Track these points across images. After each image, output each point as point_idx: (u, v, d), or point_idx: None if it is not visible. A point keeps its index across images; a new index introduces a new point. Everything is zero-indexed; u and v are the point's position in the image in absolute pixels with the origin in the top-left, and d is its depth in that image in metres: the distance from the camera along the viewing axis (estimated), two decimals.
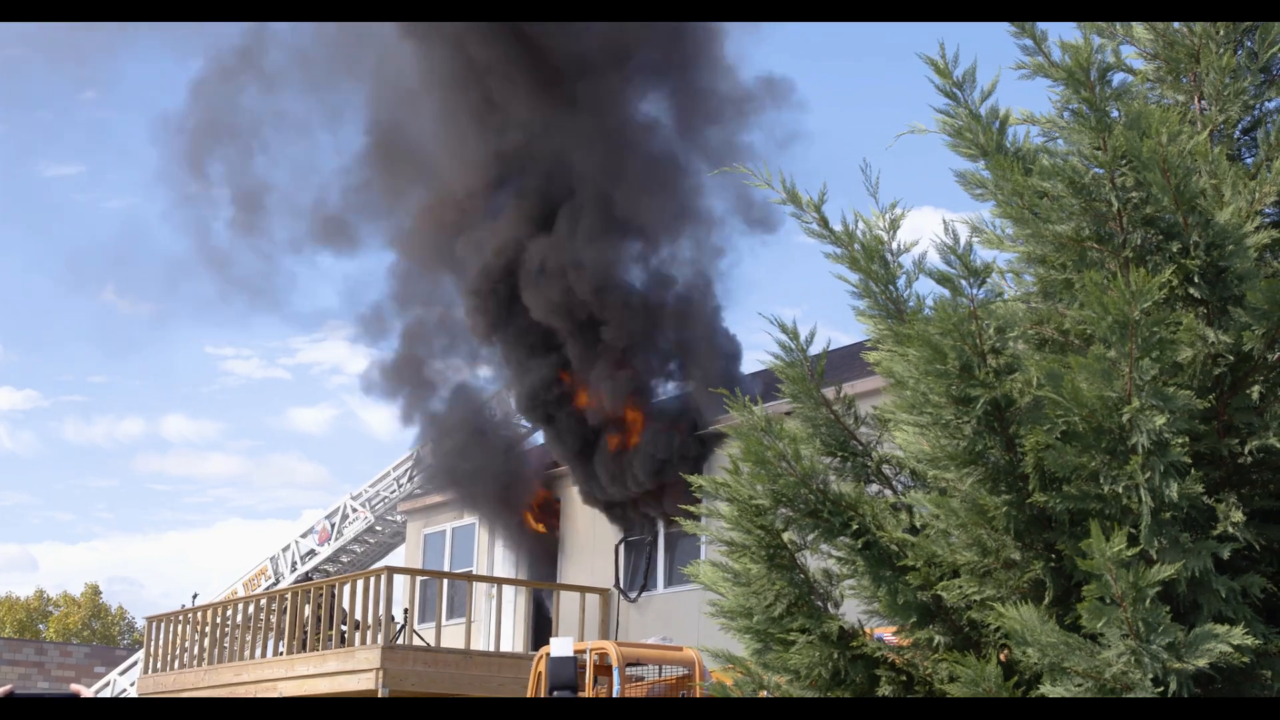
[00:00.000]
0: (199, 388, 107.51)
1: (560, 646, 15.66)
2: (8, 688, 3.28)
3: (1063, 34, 4.63)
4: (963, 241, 4.52)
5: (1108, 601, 3.98)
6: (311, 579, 28.68)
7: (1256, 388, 4.32)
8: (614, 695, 15.16)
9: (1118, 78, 4.65)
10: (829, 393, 5.15)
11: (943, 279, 4.46)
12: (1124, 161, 4.08)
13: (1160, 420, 3.92)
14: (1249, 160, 4.79)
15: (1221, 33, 4.63)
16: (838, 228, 4.86)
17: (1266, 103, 4.94)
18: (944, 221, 4.45)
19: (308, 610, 23.37)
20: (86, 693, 3.51)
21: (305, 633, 23.15)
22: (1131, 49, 4.80)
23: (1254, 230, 4.34)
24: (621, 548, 24.32)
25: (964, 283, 4.42)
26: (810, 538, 4.94)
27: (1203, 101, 4.77)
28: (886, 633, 5.23)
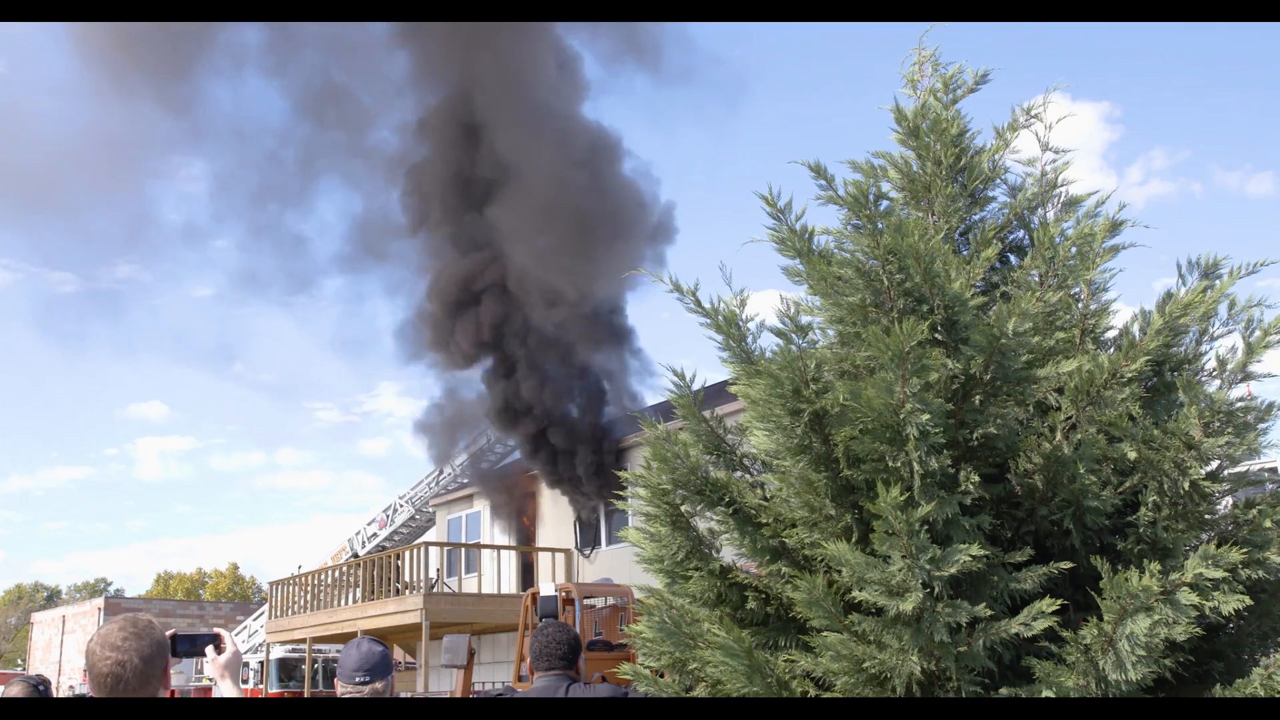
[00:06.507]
0: (302, 428, 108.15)
1: (546, 589, 15.56)
2: (172, 631, 3.05)
3: (845, 175, 4.59)
4: (792, 309, 4.46)
5: (890, 533, 3.90)
6: (375, 552, 28.13)
7: (978, 396, 4.28)
8: (577, 619, 14.92)
9: (883, 204, 4.63)
10: (707, 413, 5.05)
11: (781, 333, 4.39)
12: (890, 255, 4.04)
13: (924, 418, 3.86)
14: (965, 252, 4.77)
15: (945, 171, 4.63)
16: (707, 305, 4.76)
17: (972, 216, 4.93)
18: (781, 297, 4.41)
19: (374, 572, 22.98)
20: (226, 635, 3.27)
21: (373, 588, 22.76)
22: (889, 184, 4.78)
23: (972, 296, 4.31)
24: (577, 521, 24.06)
25: (794, 335, 4.37)
26: (698, 508, 4.82)
27: (934, 216, 4.76)
28: (751, 567, 5.11)
